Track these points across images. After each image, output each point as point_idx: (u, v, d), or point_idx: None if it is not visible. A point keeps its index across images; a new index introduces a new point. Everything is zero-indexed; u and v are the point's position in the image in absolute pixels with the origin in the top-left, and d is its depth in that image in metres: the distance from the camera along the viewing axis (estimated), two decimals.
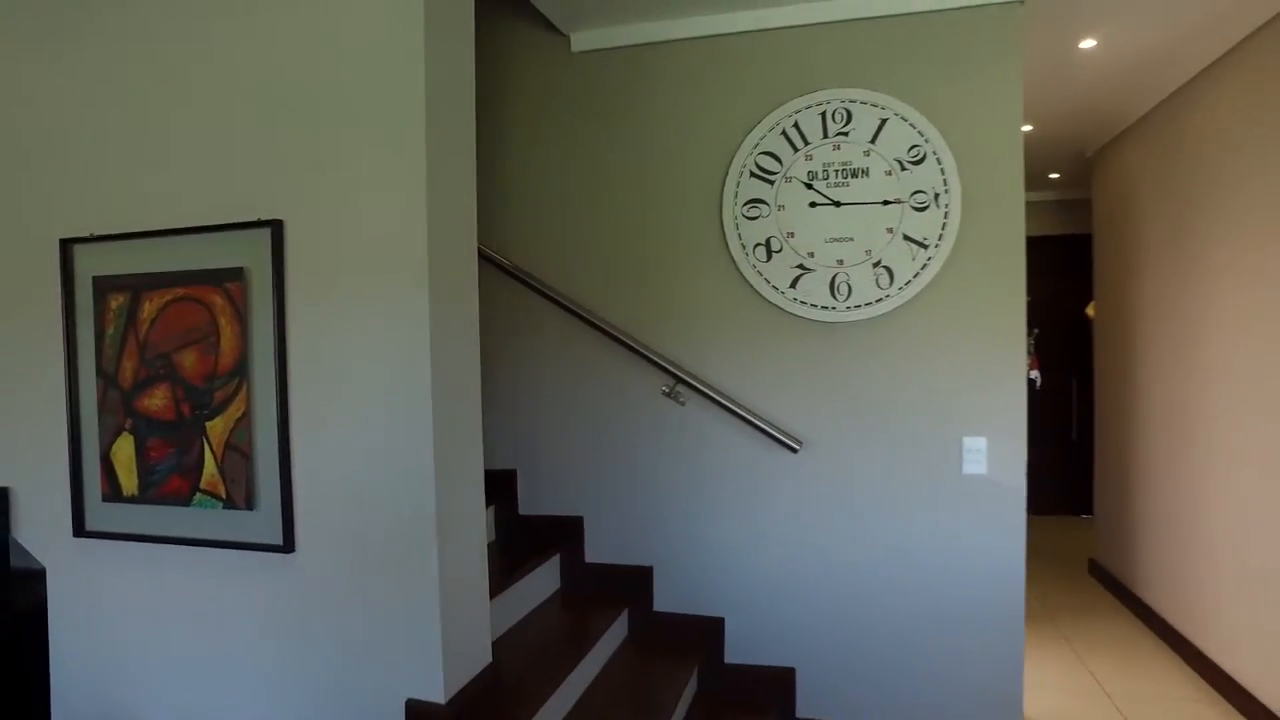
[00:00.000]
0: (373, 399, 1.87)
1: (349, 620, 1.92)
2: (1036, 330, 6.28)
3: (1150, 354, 4.11)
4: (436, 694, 1.86)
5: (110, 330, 2.10)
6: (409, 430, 1.84)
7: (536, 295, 3.02)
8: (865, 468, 2.81)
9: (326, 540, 1.93)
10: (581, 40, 2.96)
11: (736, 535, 2.92)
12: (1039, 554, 5.25)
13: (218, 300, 1.99)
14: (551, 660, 2.38)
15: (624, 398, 3.01)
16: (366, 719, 1.90)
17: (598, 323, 2.95)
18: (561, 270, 3.05)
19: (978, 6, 2.66)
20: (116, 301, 2.09)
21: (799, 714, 2.88)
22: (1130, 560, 4.40)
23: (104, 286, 2.11)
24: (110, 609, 2.14)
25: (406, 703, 1.87)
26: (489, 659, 2.11)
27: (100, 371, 2.12)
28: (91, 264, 2.11)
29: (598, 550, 3.04)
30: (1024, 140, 2.73)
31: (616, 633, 2.87)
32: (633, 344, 2.92)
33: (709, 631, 2.94)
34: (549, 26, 2.95)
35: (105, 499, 2.14)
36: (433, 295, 1.83)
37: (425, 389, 1.82)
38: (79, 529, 2.15)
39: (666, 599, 2.99)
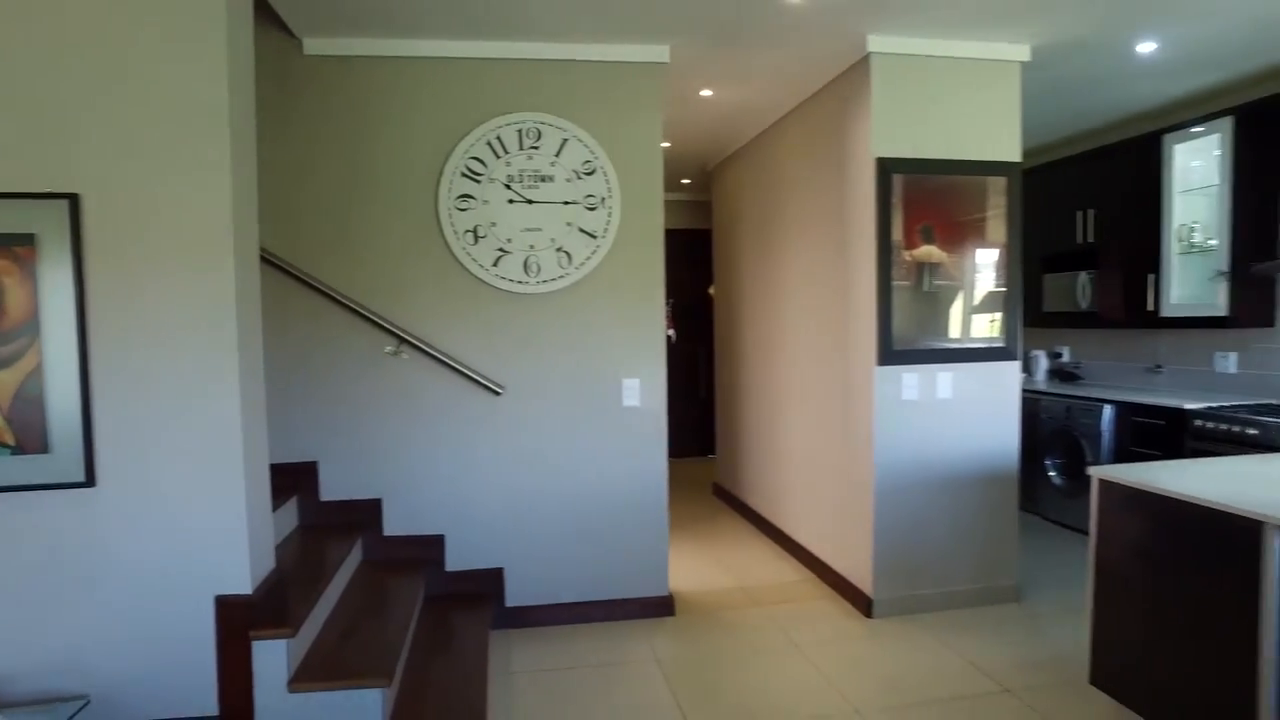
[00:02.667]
0: (180, 350, 2.25)
1: (156, 538, 2.28)
2: (672, 300, 7.69)
3: (748, 325, 5.53)
4: (245, 587, 2.31)
5: None
6: (216, 374, 2.26)
7: (278, 271, 3.36)
8: (553, 404, 3.65)
9: (131, 472, 2.26)
10: (314, 45, 3.37)
11: (453, 466, 3.59)
12: (678, 486, 6.56)
13: (2, 262, 2.19)
14: (312, 571, 2.88)
15: (354, 357, 3.49)
16: (180, 619, 2.29)
17: (327, 291, 3.41)
18: (300, 249, 3.42)
19: (634, 62, 3.61)
20: None
21: (508, 603, 3.66)
22: (739, 479, 5.85)
23: None
24: None
25: (216, 599, 2.30)
26: (274, 564, 2.57)
27: None
28: None
29: (333, 489, 3.51)
30: (664, 155, 3.73)
31: (355, 555, 3.39)
32: (362, 310, 3.44)
33: (432, 547, 3.59)
34: (282, 27, 3.29)
35: None
36: (237, 263, 2.27)
37: (232, 340, 2.26)
38: None
39: (396, 524, 3.56)
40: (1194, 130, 4.43)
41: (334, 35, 3.35)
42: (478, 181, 3.53)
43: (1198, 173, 4.51)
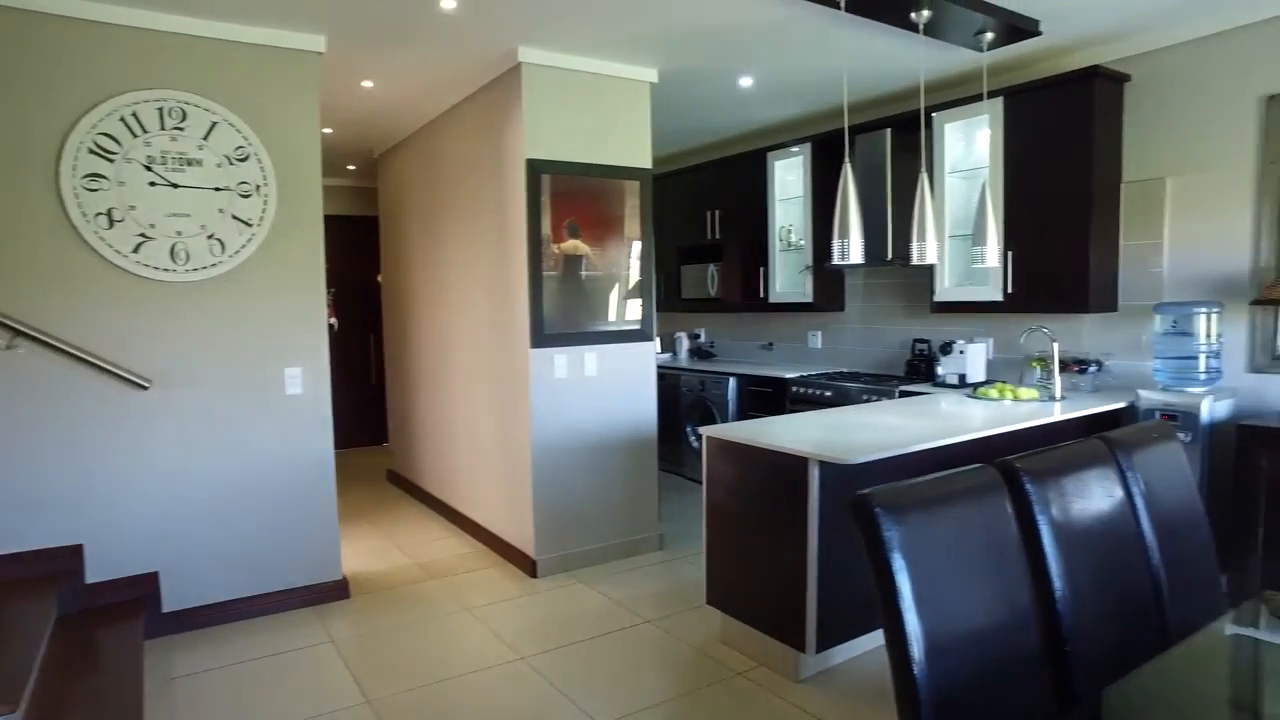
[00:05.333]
0: None
1: None
2: (334, 289, 7.50)
3: (417, 312, 5.65)
4: None
5: None
6: None
7: None
8: (209, 395, 3.52)
9: None
10: None
11: (91, 467, 3.30)
12: (350, 476, 6.52)
13: None
14: None
15: None
16: None
17: None
18: None
19: (289, 49, 3.57)
20: None
21: (166, 609, 3.45)
22: (414, 464, 5.96)
23: None
24: None
25: None
26: None
27: None
28: None
29: None
30: (326, 140, 3.74)
31: None
32: None
33: (66, 559, 3.26)
34: None
35: None
36: None
37: None
38: None
39: (15, 539, 3.16)
40: (790, 150, 5.41)
41: None
42: (110, 160, 3.27)
43: (791, 185, 5.52)
